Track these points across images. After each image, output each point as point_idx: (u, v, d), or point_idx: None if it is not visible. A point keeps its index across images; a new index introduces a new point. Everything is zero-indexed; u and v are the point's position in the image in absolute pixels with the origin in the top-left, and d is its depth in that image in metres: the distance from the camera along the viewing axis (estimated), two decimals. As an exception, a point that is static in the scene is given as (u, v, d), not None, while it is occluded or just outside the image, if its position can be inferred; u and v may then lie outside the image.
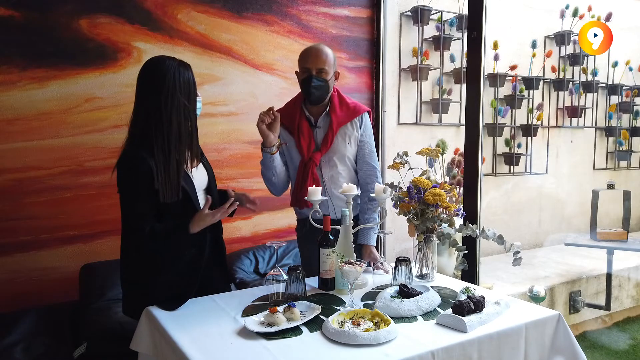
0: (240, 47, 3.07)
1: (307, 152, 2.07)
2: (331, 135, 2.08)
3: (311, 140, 2.09)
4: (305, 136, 2.08)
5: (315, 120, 2.12)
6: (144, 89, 1.67)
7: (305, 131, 2.09)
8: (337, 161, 2.12)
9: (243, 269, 2.92)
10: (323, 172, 2.12)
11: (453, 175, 3.77)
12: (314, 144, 2.10)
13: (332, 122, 2.08)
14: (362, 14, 3.50)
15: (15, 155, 2.50)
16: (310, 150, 2.08)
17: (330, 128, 2.08)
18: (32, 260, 2.57)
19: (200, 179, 1.81)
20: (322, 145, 2.09)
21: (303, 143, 2.07)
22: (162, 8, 2.81)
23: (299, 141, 2.08)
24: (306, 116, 2.12)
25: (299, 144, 2.08)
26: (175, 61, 1.70)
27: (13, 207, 2.51)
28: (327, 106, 2.11)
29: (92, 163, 2.66)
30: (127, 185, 1.65)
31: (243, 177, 3.12)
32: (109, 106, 2.69)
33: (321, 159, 2.10)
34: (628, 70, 4.96)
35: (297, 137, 2.09)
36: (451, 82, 3.99)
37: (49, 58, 2.54)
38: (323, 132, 2.11)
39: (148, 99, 1.65)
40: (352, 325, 1.45)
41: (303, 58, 2.06)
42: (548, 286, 3.49)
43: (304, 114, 2.11)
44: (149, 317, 1.63)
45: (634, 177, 5.24)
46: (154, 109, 1.63)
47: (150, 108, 1.64)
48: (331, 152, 2.11)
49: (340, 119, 2.10)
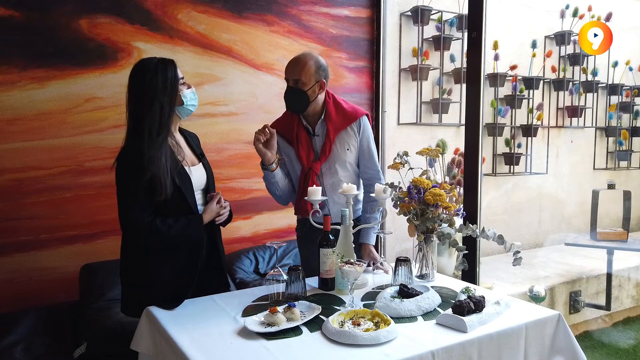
0: (240, 47, 3.07)
1: (307, 161, 2.06)
2: (329, 144, 2.06)
3: (310, 149, 2.08)
4: (304, 146, 2.07)
5: (313, 128, 2.10)
6: (129, 91, 1.74)
7: (303, 141, 2.08)
8: (338, 168, 2.11)
9: (243, 269, 2.92)
10: (324, 180, 2.11)
11: (453, 175, 3.77)
12: (313, 153, 2.09)
13: (329, 130, 2.06)
14: (362, 14, 3.50)
15: (15, 155, 2.50)
16: (309, 159, 2.07)
17: (328, 136, 2.06)
18: (32, 260, 2.57)
19: (199, 178, 1.82)
20: (321, 154, 2.08)
21: (302, 153, 2.07)
22: (162, 8, 2.81)
23: (298, 151, 2.07)
24: (304, 125, 2.10)
25: (299, 154, 2.07)
26: (155, 60, 1.74)
27: (13, 207, 2.51)
28: (323, 114, 2.10)
29: (92, 163, 2.67)
30: (127, 177, 1.67)
31: (243, 177, 3.12)
32: (109, 106, 2.69)
33: (321, 167, 2.09)
34: (628, 70, 4.96)
35: (296, 147, 2.08)
36: (451, 82, 3.99)
37: (49, 58, 2.54)
38: (321, 140, 2.09)
39: (131, 100, 1.73)
40: (352, 325, 1.45)
41: (285, 69, 2.05)
42: (548, 286, 3.49)
43: (302, 123, 2.10)
44: (149, 317, 1.63)
45: (634, 177, 5.24)
46: (135, 108, 1.71)
47: (133, 108, 1.71)
48: (331, 159, 2.09)
49: (337, 126, 2.08)
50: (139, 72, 1.72)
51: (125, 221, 1.68)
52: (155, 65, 1.71)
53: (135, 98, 1.71)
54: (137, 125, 1.69)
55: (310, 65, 2.00)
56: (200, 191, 1.83)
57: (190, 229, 1.71)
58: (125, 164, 1.68)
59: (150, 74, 1.69)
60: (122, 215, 1.68)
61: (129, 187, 1.66)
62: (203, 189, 1.85)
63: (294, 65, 2.02)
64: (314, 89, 2.02)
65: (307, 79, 1.99)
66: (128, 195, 1.67)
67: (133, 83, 1.72)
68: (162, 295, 1.69)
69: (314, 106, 2.05)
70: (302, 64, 2.00)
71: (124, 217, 1.68)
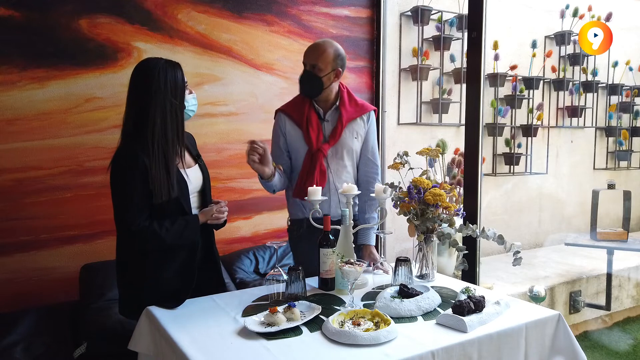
0: (240, 47, 3.07)
1: (316, 142, 2.08)
2: (340, 128, 2.10)
3: (320, 132, 2.11)
4: (314, 127, 2.09)
5: (324, 113, 2.14)
6: (132, 90, 1.70)
7: (314, 123, 2.10)
8: (344, 154, 2.13)
9: (243, 269, 2.92)
10: (329, 163, 2.12)
11: (453, 175, 3.77)
12: (322, 136, 2.12)
13: (342, 115, 2.10)
14: (362, 14, 3.50)
15: (15, 155, 2.50)
16: (319, 141, 2.09)
17: (340, 121, 2.10)
18: (32, 260, 2.57)
19: (195, 181, 1.80)
20: (331, 138, 2.10)
21: (312, 134, 2.08)
22: (162, 8, 2.81)
23: (308, 132, 2.09)
24: (315, 108, 2.13)
25: (308, 135, 2.09)
26: (162, 61, 1.70)
27: (13, 207, 2.51)
28: (337, 101, 2.13)
29: (92, 163, 2.67)
30: (122, 179, 1.64)
31: (243, 177, 3.12)
32: (109, 106, 2.69)
33: (329, 151, 2.11)
34: (628, 70, 4.96)
35: (305, 129, 2.10)
36: (451, 82, 3.99)
37: (49, 58, 2.54)
38: (331, 126, 2.12)
39: (135, 100, 1.68)
40: (352, 325, 1.45)
41: (304, 53, 2.09)
42: (548, 286, 3.49)
43: (313, 107, 2.13)
44: (149, 317, 1.63)
45: (634, 177, 5.24)
46: (140, 109, 1.66)
47: (137, 108, 1.67)
48: (339, 144, 2.12)
49: (350, 114, 2.12)
50: (145, 71, 1.67)
51: (121, 225, 1.65)
52: (164, 66, 1.68)
53: (140, 98, 1.66)
54: (140, 126, 1.65)
55: (329, 53, 2.04)
56: (196, 193, 1.81)
57: (187, 231, 1.69)
58: (122, 165, 1.64)
59: (159, 75, 1.65)
60: (119, 218, 1.65)
61: (126, 190, 1.63)
62: (199, 190, 1.83)
63: (313, 50, 2.05)
64: (329, 76, 2.06)
65: (324, 66, 2.03)
66: (125, 197, 1.63)
67: (138, 82, 1.67)
68: (160, 296, 1.68)
69: (327, 93, 2.09)
70: (321, 50, 2.04)
71: (120, 220, 1.65)
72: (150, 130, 1.64)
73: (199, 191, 1.82)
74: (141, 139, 1.64)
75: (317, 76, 2.04)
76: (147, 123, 1.64)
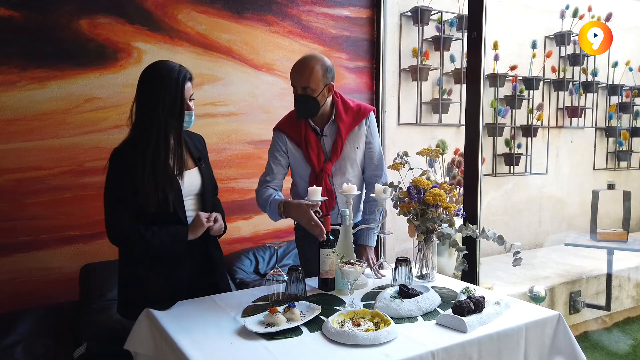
0: (241, 48, 3.07)
1: (318, 163, 2.03)
2: (340, 143, 2.04)
3: (320, 150, 2.05)
4: (313, 148, 2.04)
5: (321, 129, 2.08)
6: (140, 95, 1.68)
7: (313, 142, 2.04)
8: (347, 167, 2.09)
9: (243, 269, 2.92)
10: (334, 181, 2.08)
11: (453, 176, 3.77)
12: (323, 154, 2.07)
13: (340, 129, 2.04)
14: (362, 14, 3.50)
15: (15, 155, 2.50)
16: (320, 161, 2.04)
17: (339, 135, 2.04)
18: (32, 260, 2.57)
19: (191, 184, 1.78)
20: (332, 154, 2.05)
21: (312, 155, 2.03)
22: (162, 8, 2.81)
23: (308, 153, 2.04)
24: (312, 126, 2.07)
25: (308, 155, 2.04)
26: (177, 66, 1.69)
27: (13, 207, 2.51)
28: (332, 114, 2.07)
29: (92, 163, 2.66)
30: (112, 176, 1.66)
31: (243, 177, 3.12)
32: (109, 106, 2.69)
33: (332, 168, 2.07)
34: (628, 71, 4.96)
35: (305, 149, 2.05)
36: (451, 83, 3.99)
37: (49, 58, 2.54)
38: (331, 140, 2.07)
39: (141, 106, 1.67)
40: (352, 325, 1.45)
41: (291, 74, 2.01)
42: (548, 286, 3.49)
43: (310, 125, 2.07)
44: (148, 317, 1.63)
45: (634, 177, 5.24)
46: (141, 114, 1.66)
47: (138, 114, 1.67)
48: (341, 159, 2.07)
49: (348, 125, 2.06)
50: (160, 73, 1.65)
51: (108, 226, 1.66)
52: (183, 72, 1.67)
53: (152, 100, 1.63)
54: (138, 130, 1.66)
55: (317, 70, 1.94)
56: (193, 196, 1.79)
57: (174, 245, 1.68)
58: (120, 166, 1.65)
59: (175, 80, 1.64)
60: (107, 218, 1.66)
61: (118, 192, 1.64)
62: (196, 193, 1.81)
63: (300, 72, 1.96)
64: (323, 93, 1.98)
65: (315, 85, 1.94)
66: (115, 200, 1.65)
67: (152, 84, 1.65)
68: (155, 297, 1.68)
69: (323, 108, 2.02)
70: (309, 70, 1.94)
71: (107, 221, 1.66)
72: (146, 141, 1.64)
73: (196, 194, 1.81)
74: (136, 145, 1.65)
75: (312, 97, 1.95)
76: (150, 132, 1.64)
